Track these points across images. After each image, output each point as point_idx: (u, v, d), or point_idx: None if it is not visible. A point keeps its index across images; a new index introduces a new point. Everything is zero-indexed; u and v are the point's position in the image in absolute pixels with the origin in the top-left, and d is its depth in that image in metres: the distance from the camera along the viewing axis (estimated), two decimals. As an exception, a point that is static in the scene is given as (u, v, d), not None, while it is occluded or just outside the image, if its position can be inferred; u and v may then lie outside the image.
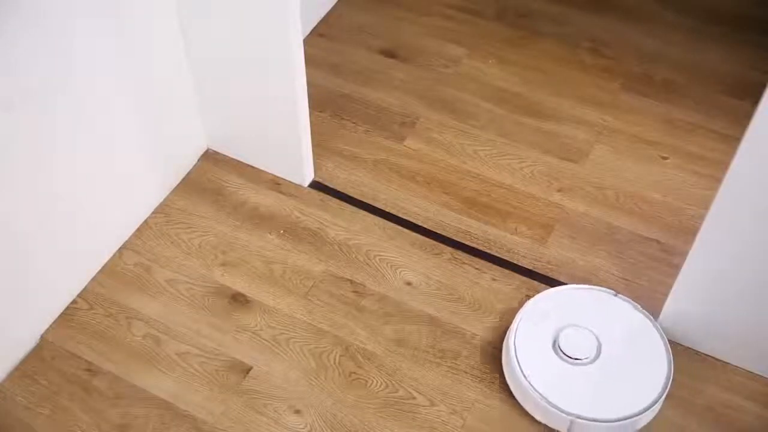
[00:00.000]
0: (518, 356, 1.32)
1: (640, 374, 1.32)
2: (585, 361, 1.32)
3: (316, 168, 1.68)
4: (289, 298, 1.48)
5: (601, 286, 1.44)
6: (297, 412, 1.35)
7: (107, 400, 1.36)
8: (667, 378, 1.31)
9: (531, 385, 1.29)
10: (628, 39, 1.95)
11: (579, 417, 1.26)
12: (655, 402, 1.28)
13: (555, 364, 1.32)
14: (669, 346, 1.34)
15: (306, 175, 1.65)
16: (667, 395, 1.30)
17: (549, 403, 1.28)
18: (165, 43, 1.47)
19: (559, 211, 1.62)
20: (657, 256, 1.55)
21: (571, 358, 1.32)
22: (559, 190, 1.65)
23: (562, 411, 1.27)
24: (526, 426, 1.33)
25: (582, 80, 1.86)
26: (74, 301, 1.48)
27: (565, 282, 1.50)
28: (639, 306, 1.38)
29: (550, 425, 1.31)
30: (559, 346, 1.32)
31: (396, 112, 1.80)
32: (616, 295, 1.40)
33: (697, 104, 1.80)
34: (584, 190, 1.65)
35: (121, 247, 1.55)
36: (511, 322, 1.40)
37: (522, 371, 1.31)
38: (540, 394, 1.28)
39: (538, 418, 1.32)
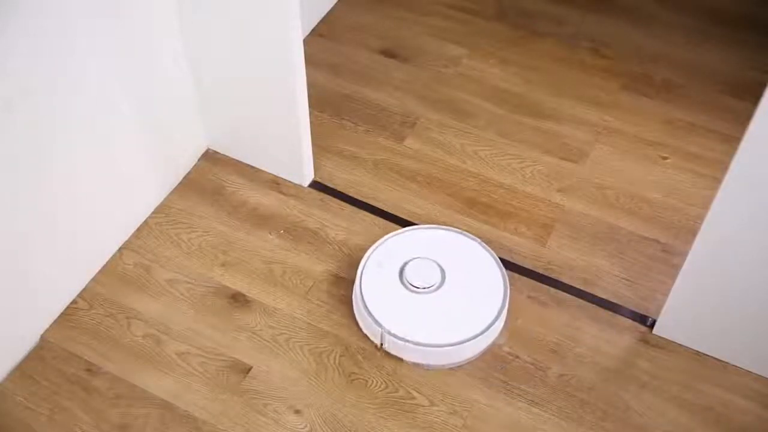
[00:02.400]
0: (363, 289, 1.41)
1: (478, 304, 1.41)
2: (429, 289, 1.41)
3: (316, 168, 1.68)
4: (289, 298, 1.48)
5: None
6: (297, 412, 1.35)
7: (107, 400, 1.36)
8: (501, 308, 1.40)
9: (368, 308, 1.38)
10: (628, 39, 1.95)
11: (414, 342, 1.35)
12: (487, 328, 1.37)
13: (400, 294, 1.41)
14: (508, 284, 1.43)
15: (306, 175, 1.65)
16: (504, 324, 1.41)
17: (384, 329, 1.36)
18: (165, 43, 1.47)
19: (559, 211, 1.62)
20: (657, 256, 1.55)
21: (414, 287, 1.40)
22: (559, 190, 1.65)
23: (399, 338, 1.36)
24: (528, 426, 1.33)
25: (582, 80, 1.86)
26: (74, 301, 1.48)
27: (566, 283, 1.50)
28: (483, 243, 1.49)
29: (390, 351, 1.39)
30: (405, 278, 1.42)
31: (396, 112, 1.80)
32: (461, 233, 1.50)
33: (697, 104, 1.80)
34: (584, 190, 1.65)
35: (121, 247, 1.55)
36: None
37: (363, 300, 1.39)
38: (375, 318, 1.37)
39: (377, 342, 1.40)
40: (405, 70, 1.89)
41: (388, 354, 1.40)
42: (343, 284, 1.50)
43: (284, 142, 1.59)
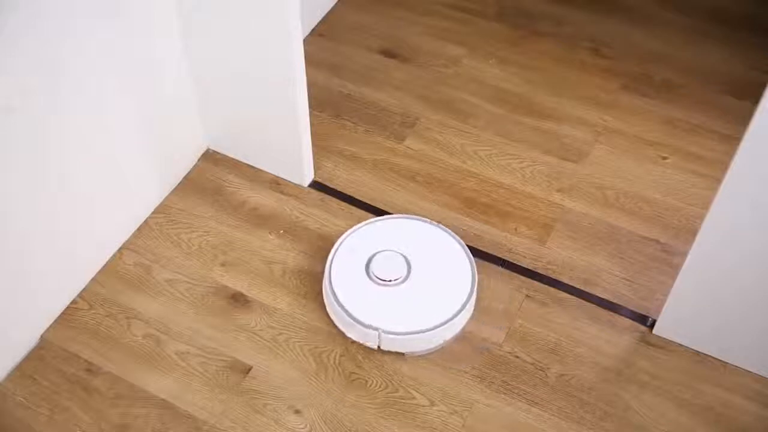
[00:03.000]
0: (333, 283, 1.42)
1: (446, 292, 1.42)
2: (395, 282, 1.42)
3: (316, 168, 1.68)
4: (289, 298, 1.48)
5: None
6: (297, 412, 1.35)
7: (107, 400, 1.36)
8: (469, 295, 1.41)
9: (342, 306, 1.39)
10: (628, 39, 1.95)
11: (385, 331, 1.36)
12: (455, 316, 1.38)
13: (368, 287, 1.43)
14: (476, 271, 1.45)
15: (306, 175, 1.65)
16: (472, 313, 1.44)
17: (357, 321, 1.38)
18: (165, 44, 1.47)
19: (559, 211, 1.62)
20: (657, 256, 1.55)
21: (381, 280, 1.42)
22: (559, 190, 1.65)
23: (370, 327, 1.37)
24: (528, 426, 1.33)
25: (582, 80, 1.86)
26: (74, 301, 1.48)
27: (565, 282, 1.50)
28: (450, 231, 1.50)
29: (363, 342, 1.40)
30: (371, 271, 1.43)
31: (396, 112, 1.80)
32: (429, 223, 1.51)
33: (697, 104, 1.80)
34: (584, 190, 1.65)
35: (121, 247, 1.55)
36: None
37: (335, 296, 1.40)
38: (349, 312, 1.39)
39: (353, 337, 1.41)
40: (405, 70, 1.89)
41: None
42: (343, 284, 1.50)
43: (284, 142, 1.59)
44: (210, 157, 1.71)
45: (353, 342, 1.42)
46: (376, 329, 1.37)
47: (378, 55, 1.92)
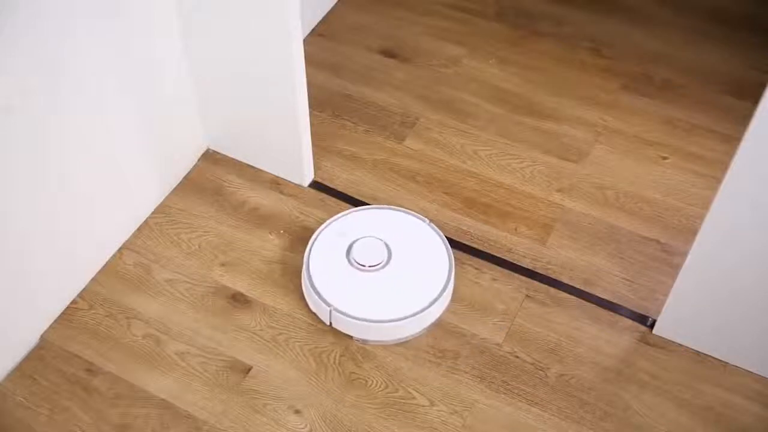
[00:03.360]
0: (311, 270, 1.44)
1: (423, 280, 1.44)
2: (375, 267, 1.44)
3: (316, 168, 1.68)
4: (289, 298, 1.48)
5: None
6: (297, 412, 1.35)
7: (107, 400, 1.36)
8: (446, 283, 1.43)
9: (320, 295, 1.41)
10: (628, 39, 1.95)
11: (366, 320, 1.38)
12: (433, 302, 1.40)
13: (347, 272, 1.44)
14: (453, 262, 1.47)
15: (306, 175, 1.65)
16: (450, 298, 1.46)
17: (338, 310, 1.39)
18: (165, 44, 1.47)
19: (559, 211, 1.62)
20: (657, 256, 1.55)
21: (361, 265, 1.44)
22: (559, 190, 1.65)
23: (351, 316, 1.38)
24: (528, 426, 1.33)
25: (582, 80, 1.86)
26: (74, 301, 1.48)
27: (565, 282, 1.50)
28: (427, 221, 1.52)
29: (342, 330, 1.41)
30: (351, 256, 1.45)
31: (396, 112, 1.80)
32: (408, 213, 1.53)
33: (697, 104, 1.80)
34: (584, 190, 1.65)
35: (121, 247, 1.55)
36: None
37: (313, 284, 1.42)
38: (327, 301, 1.40)
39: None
40: (405, 70, 1.89)
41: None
42: (343, 284, 1.50)
43: (284, 142, 1.59)
44: (210, 157, 1.71)
45: (353, 342, 1.42)
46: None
47: (378, 55, 1.92)
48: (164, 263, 1.53)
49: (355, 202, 1.62)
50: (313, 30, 1.97)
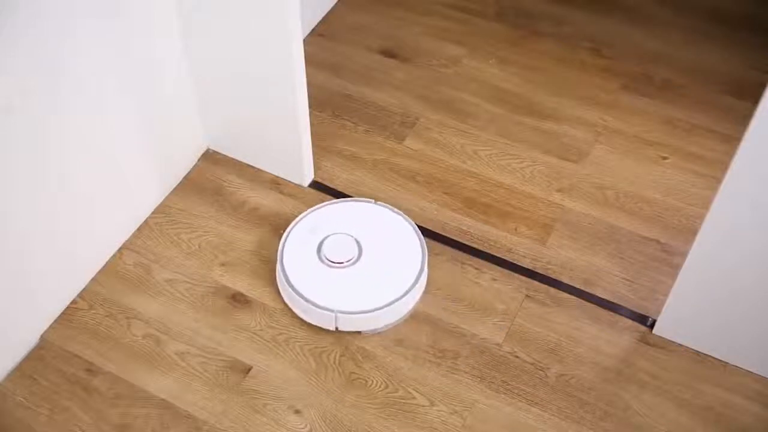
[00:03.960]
0: (285, 268, 1.45)
1: (397, 270, 1.46)
2: (347, 264, 1.45)
3: (316, 168, 1.68)
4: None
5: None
6: (297, 412, 1.35)
7: (107, 400, 1.36)
8: (419, 272, 1.45)
9: (297, 291, 1.42)
10: (628, 39, 1.95)
11: (341, 312, 1.40)
12: (406, 293, 1.42)
13: (320, 270, 1.46)
14: (426, 247, 1.49)
15: (306, 175, 1.65)
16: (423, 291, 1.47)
17: (314, 304, 1.41)
18: (165, 44, 1.47)
19: (559, 211, 1.62)
20: (657, 256, 1.55)
21: (333, 262, 1.45)
22: (559, 190, 1.65)
23: (326, 309, 1.40)
24: (528, 426, 1.33)
25: (582, 80, 1.86)
26: (74, 301, 1.48)
27: (565, 282, 1.50)
28: (396, 210, 1.54)
29: (320, 325, 1.43)
30: (323, 254, 1.46)
31: (396, 112, 1.80)
32: (375, 203, 1.54)
33: (697, 104, 1.80)
34: (584, 190, 1.65)
35: (121, 247, 1.55)
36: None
37: (289, 281, 1.43)
38: (305, 297, 1.41)
39: (310, 321, 1.43)
40: (405, 70, 1.89)
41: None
42: (343, 284, 1.50)
43: (284, 142, 1.59)
44: (210, 157, 1.71)
45: (353, 342, 1.42)
46: (332, 311, 1.40)
47: (378, 55, 1.92)
48: (164, 263, 1.53)
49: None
50: (313, 30, 1.97)
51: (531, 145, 1.73)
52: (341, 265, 1.45)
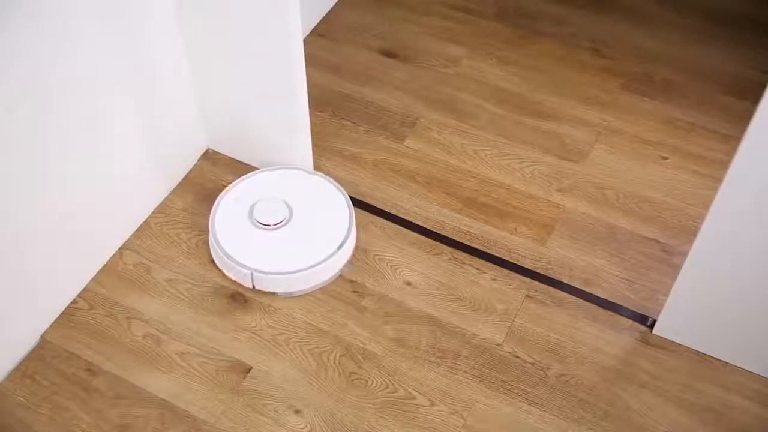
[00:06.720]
0: (216, 229, 1.49)
1: (325, 234, 1.50)
2: (275, 227, 1.50)
3: (316, 168, 1.68)
4: (289, 298, 1.48)
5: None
6: (297, 412, 1.35)
7: (107, 400, 1.36)
8: (346, 236, 1.50)
9: (223, 248, 1.47)
10: (628, 39, 1.95)
11: (257, 270, 1.45)
12: (323, 261, 1.46)
13: (250, 231, 1.50)
14: (353, 213, 1.54)
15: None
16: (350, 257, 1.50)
17: (234, 261, 1.46)
18: (165, 44, 1.47)
19: (559, 211, 1.62)
20: (657, 256, 1.55)
21: (263, 224, 1.50)
22: (559, 190, 1.65)
23: (244, 266, 1.45)
24: (528, 426, 1.33)
25: (582, 80, 1.86)
26: (74, 301, 1.48)
27: (565, 282, 1.50)
28: (330, 179, 1.59)
29: (239, 281, 1.48)
30: (254, 217, 1.51)
31: (396, 112, 1.80)
32: (309, 173, 1.60)
33: (697, 104, 1.80)
34: (584, 190, 1.65)
35: (121, 247, 1.55)
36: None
37: (216, 238, 1.48)
38: (227, 254, 1.47)
39: (231, 276, 1.49)
40: (405, 70, 1.89)
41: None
42: (344, 284, 1.50)
43: (284, 142, 1.59)
44: (210, 157, 1.71)
45: (353, 342, 1.42)
46: (249, 269, 1.44)
47: (378, 55, 1.92)
48: (164, 263, 1.53)
49: (355, 202, 1.62)
50: (313, 30, 1.97)
51: (531, 145, 1.73)
52: (269, 227, 1.49)
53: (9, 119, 1.20)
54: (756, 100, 1.04)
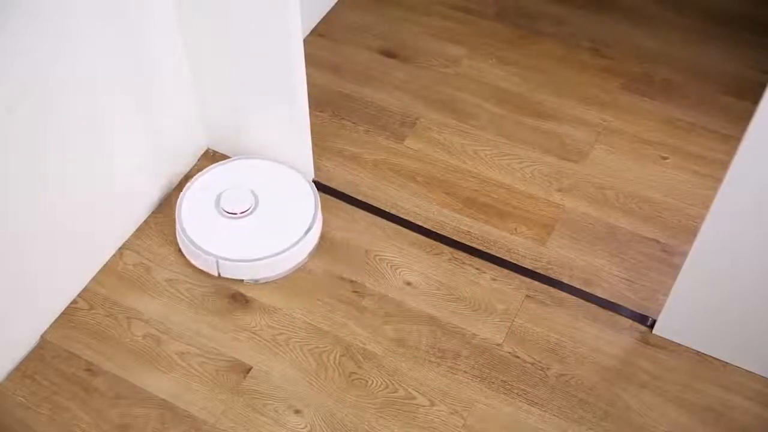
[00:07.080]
0: (182, 218, 1.51)
1: (290, 222, 1.52)
2: (243, 214, 1.51)
3: (316, 168, 1.68)
4: (289, 298, 1.48)
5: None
6: (297, 412, 1.35)
7: (107, 400, 1.36)
8: (311, 224, 1.51)
9: (188, 237, 1.49)
10: (628, 39, 1.95)
11: (222, 258, 1.47)
12: (287, 249, 1.48)
13: (216, 220, 1.52)
14: (319, 202, 1.56)
15: (306, 174, 1.65)
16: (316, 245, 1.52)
17: (200, 249, 1.47)
18: (165, 44, 1.47)
19: (559, 211, 1.62)
20: (657, 256, 1.55)
21: (229, 213, 1.51)
22: (559, 190, 1.65)
23: (210, 254, 1.47)
24: (528, 426, 1.33)
25: (582, 80, 1.86)
26: (74, 301, 1.48)
27: (565, 282, 1.50)
28: (295, 167, 1.61)
29: (205, 269, 1.50)
30: (220, 206, 1.52)
31: (396, 112, 1.80)
32: (277, 162, 1.61)
33: (697, 104, 1.80)
34: (584, 190, 1.65)
35: (121, 247, 1.55)
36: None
37: (182, 227, 1.50)
38: (193, 242, 1.48)
39: (197, 265, 1.51)
40: (405, 70, 1.89)
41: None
42: (344, 284, 1.50)
43: (284, 142, 1.59)
44: (210, 157, 1.71)
45: (353, 342, 1.42)
46: (214, 256, 1.46)
47: (378, 55, 1.92)
48: (164, 263, 1.53)
49: (355, 202, 1.62)
50: (313, 30, 1.97)
51: (531, 145, 1.73)
52: (235, 215, 1.51)
53: (9, 119, 1.20)
54: (756, 100, 1.04)
